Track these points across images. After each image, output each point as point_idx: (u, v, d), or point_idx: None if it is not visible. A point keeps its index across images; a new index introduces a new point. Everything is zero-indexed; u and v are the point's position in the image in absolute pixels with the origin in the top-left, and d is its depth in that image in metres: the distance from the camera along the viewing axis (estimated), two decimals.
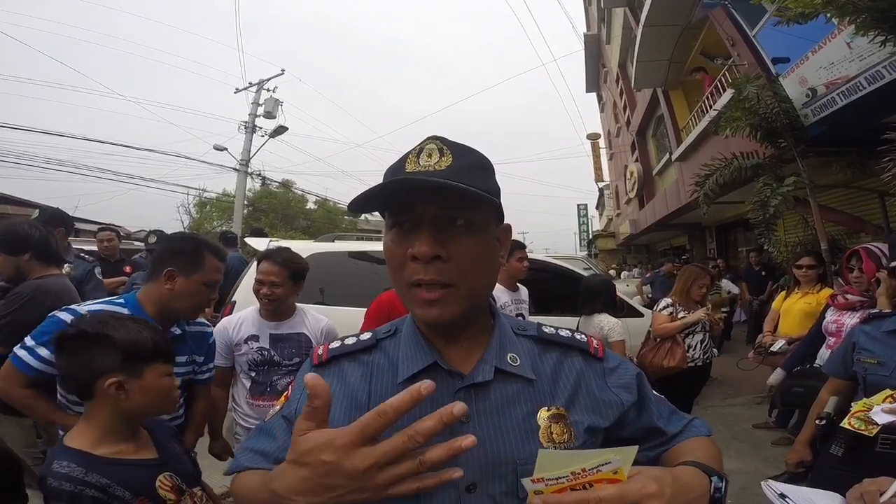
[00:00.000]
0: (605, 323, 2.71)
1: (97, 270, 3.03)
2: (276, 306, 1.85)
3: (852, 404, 1.33)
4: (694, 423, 0.73)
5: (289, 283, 1.82)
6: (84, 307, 1.30)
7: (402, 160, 0.60)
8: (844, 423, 1.28)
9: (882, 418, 1.19)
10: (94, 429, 0.96)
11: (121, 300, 1.34)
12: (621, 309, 4.01)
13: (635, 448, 0.46)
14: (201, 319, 1.60)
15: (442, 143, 0.60)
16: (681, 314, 2.95)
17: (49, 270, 1.89)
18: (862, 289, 2.34)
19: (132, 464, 0.95)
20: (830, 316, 2.54)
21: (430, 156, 0.58)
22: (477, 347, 0.64)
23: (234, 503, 0.65)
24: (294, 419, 0.62)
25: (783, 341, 3.04)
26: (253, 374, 1.85)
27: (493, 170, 0.64)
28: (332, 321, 1.97)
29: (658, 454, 0.68)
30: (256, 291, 1.84)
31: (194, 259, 1.37)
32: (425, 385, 0.40)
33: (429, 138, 0.61)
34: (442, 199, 0.56)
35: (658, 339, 2.98)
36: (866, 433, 1.22)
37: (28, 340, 1.25)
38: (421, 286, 0.57)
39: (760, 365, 3.32)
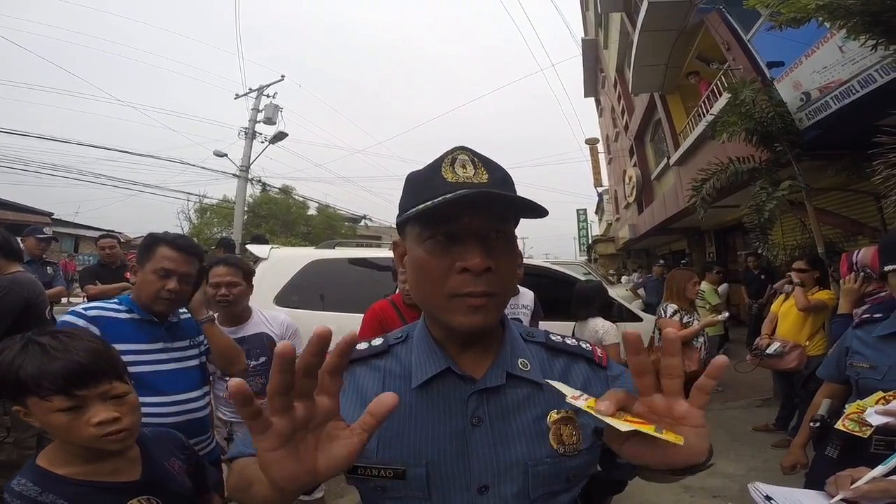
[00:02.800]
0: (600, 327, 2.75)
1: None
2: (234, 308, 1.93)
3: (845, 406, 1.35)
4: None
5: (243, 282, 1.95)
6: (90, 309, 1.35)
7: (436, 169, 0.60)
8: (839, 425, 1.29)
9: (876, 420, 1.20)
10: (60, 448, 0.90)
11: (115, 299, 1.45)
12: (619, 314, 4.03)
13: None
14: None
15: (473, 155, 0.61)
16: (686, 319, 3.02)
17: (14, 266, 2.26)
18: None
19: (100, 486, 0.87)
20: None
21: (464, 167, 0.59)
22: (488, 353, 0.65)
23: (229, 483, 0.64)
24: None
25: (778, 343, 3.06)
26: (227, 380, 1.90)
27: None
28: (288, 316, 2.10)
29: None
30: (212, 297, 1.87)
31: (147, 250, 1.44)
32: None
33: (457, 148, 0.62)
34: (489, 211, 0.57)
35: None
36: (860, 434, 1.23)
37: None
38: (468, 296, 0.57)
39: (757, 367, 3.34)
